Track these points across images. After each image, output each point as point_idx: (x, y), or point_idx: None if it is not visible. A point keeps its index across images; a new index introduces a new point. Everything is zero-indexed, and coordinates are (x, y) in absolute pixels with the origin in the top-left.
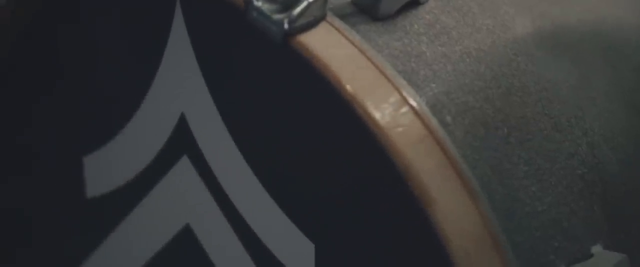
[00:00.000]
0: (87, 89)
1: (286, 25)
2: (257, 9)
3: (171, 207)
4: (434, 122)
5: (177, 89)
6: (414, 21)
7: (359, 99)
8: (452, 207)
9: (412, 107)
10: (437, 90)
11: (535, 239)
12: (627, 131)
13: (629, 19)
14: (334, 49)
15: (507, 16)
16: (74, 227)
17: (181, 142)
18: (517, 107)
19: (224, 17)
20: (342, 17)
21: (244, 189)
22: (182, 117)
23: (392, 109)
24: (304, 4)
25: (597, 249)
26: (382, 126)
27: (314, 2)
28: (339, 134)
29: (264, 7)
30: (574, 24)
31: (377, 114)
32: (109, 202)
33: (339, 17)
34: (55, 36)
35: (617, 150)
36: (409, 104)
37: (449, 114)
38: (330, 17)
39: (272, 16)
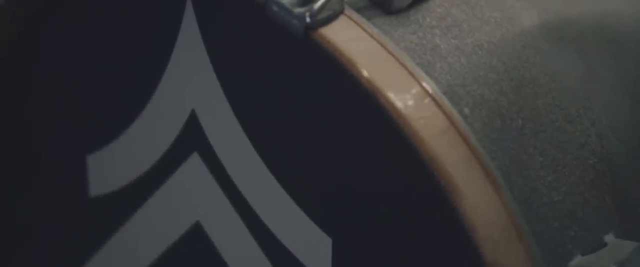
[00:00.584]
0: (91, 87)
1: (308, 18)
2: (278, 3)
3: (180, 205)
4: (455, 113)
5: (188, 85)
6: (426, 14)
7: (382, 91)
8: (477, 198)
9: (433, 99)
10: (454, 82)
11: (553, 229)
12: (632, 123)
13: (628, 13)
14: (354, 42)
15: (513, 9)
16: (77, 227)
17: (191, 139)
18: (529, 98)
19: (238, 11)
20: (357, 10)
21: (258, 185)
22: (192, 113)
23: (414, 101)
24: None
25: (609, 238)
26: (407, 117)
27: None
28: (361, 126)
29: (285, 0)
30: (577, 17)
31: (401, 106)
32: (114, 201)
33: (355, 10)
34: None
35: (624, 141)
36: (431, 95)
37: (466, 106)
38: (348, 10)
39: (294, 10)
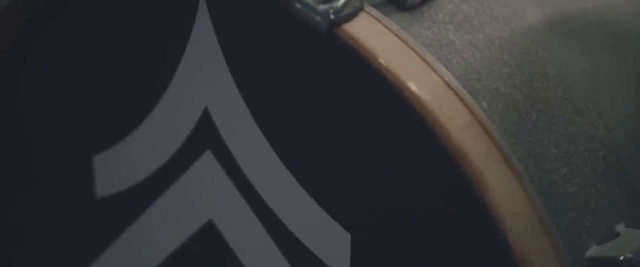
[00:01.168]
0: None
1: (332, 15)
2: (301, 1)
3: (192, 204)
4: (477, 107)
5: (200, 83)
6: (438, 10)
7: (408, 85)
8: (503, 190)
9: (456, 93)
10: (470, 77)
11: (570, 220)
12: (637, 116)
13: (627, 8)
14: (377, 38)
15: (519, 5)
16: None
17: (204, 138)
18: (541, 92)
19: (254, 9)
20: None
21: (274, 182)
22: (205, 111)
23: (439, 95)
24: None
25: (621, 228)
26: (434, 112)
27: None
28: (386, 120)
29: None
30: (579, 12)
31: (427, 100)
32: (122, 201)
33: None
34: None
35: (629, 133)
36: (453, 90)
37: (484, 100)
38: (367, 6)
39: (317, 7)
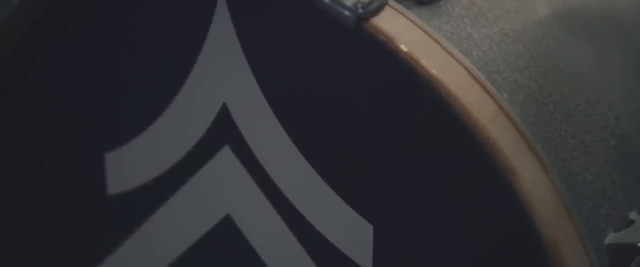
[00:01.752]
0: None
1: (360, 9)
2: None
3: (209, 199)
4: (501, 99)
5: (219, 79)
6: (454, 5)
7: (438, 78)
8: (531, 178)
9: (482, 85)
10: (490, 69)
11: (589, 208)
12: None
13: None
14: (404, 32)
15: None
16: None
17: (222, 133)
18: (555, 84)
19: (275, 3)
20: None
21: (294, 176)
22: (223, 107)
23: (467, 87)
24: None
25: (634, 216)
26: (464, 103)
27: None
28: (415, 112)
29: None
30: (583, 5)
31: (457, 92)
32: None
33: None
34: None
35: (638, 123)
36: (480, 82)
37: (505, 92)
38: (391, 1)
39: (345, 1)
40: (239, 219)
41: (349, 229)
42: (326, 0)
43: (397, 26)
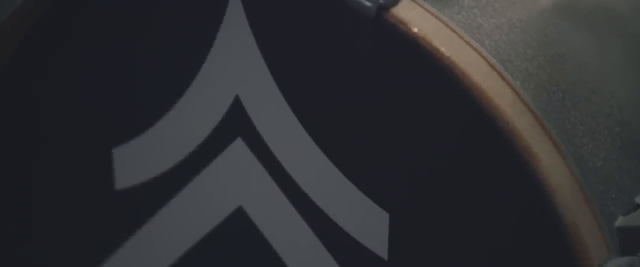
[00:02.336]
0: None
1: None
2: None
3: (220, 192)
4: (517, 87)
5: (231, 72)
6: None
7: (459, 65)
8: (550, 162)
9: (499, 72)
10: (502, 58)
11: (600, 193)
12: None
13: None
14: (423, 22)
15: None
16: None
17: (234, 126)
18: (562, 72)
19: None
20: None
21: (310, 167)
22: (236, 100)
23: (486, 75)
24: None
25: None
26: (486, 91)
27: None
28: (436, 100)
29: None
30: None
31: (479, 80)
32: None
33: None
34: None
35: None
36: (497, 70)
37: (518, 80)
38: None
39: None
40: (251, 210)
41: (364, 218)
42: None
43: (415, 16)
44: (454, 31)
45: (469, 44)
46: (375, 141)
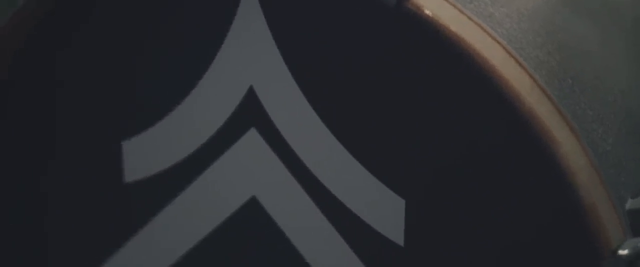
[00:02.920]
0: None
1: None
2: None
3: (234, 181)
4: (534, 74)
5: (245, 62)
6: None
7: (480, 53)
8: (569, 146)
9: (516, 59)
10: (515, 46)
11: (610, 175)
12: None
13: None
14: (440, 9)
15: None
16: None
17: (248, 116)
18: (569, 60)
19: None
20: None
21: (325, 155)
22: (250, 90)
23: (505, 62)
24: None
25: None
26: (506, 77)
27: None
28: (456, 86)
29: None
30: None
31: (500, 67)
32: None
33: None
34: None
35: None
36: (514, 57)
37: (530, 67)
38: None
39: None
40: (265, 200)
41: (380, 205)
42: None
43: (433, 4)
44: (470, 19)
45: (485, 31)
46: (391, 128)
